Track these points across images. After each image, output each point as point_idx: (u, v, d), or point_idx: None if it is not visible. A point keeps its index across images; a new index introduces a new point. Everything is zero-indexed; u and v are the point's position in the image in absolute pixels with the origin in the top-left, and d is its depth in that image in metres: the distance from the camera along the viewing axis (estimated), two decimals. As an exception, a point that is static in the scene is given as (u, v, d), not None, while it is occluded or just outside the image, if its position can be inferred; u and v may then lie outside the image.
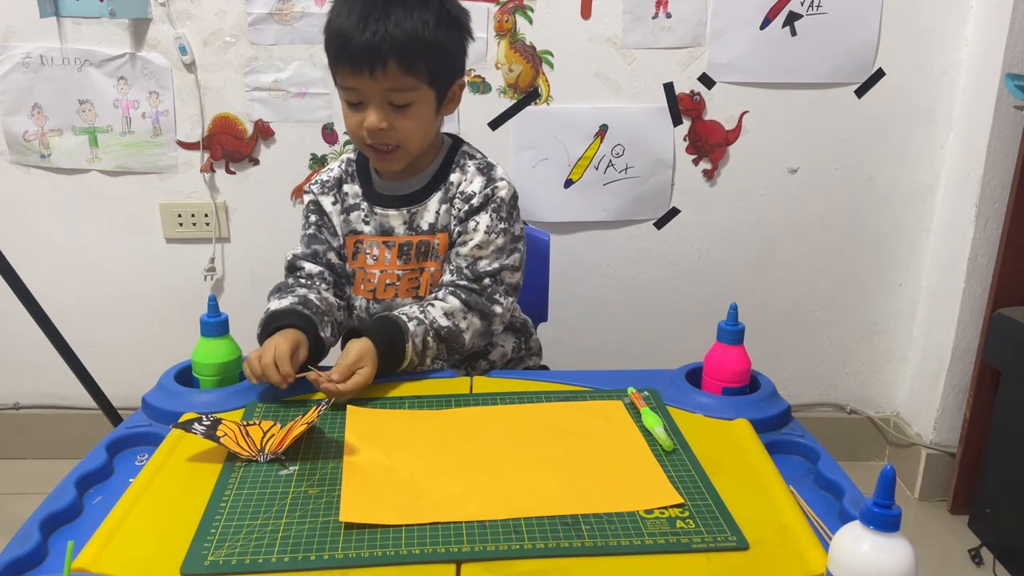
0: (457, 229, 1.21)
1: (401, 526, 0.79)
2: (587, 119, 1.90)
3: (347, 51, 1.09)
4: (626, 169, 1.93)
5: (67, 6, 1.76)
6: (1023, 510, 1.73)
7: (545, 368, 1.40)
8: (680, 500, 0.84)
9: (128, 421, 1.03)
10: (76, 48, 1.82)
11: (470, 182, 1.21)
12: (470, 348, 1.20)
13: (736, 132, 1.92)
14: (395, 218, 1.22)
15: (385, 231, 1.23)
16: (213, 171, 1.92)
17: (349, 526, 0.79)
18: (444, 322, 1.15)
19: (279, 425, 0.94)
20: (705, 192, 1.96)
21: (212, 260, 1.98)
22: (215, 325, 1.06)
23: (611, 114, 1.89)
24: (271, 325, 1.11)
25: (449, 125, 1.81)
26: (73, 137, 1.88)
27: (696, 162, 1.94)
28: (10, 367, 2.07)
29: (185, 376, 1.09)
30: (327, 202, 1.25)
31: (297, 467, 0.90)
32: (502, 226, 1.20)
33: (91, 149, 1.89)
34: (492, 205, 1.19)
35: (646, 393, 1.07)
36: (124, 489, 0.85)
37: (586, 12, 1.83)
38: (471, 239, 1.19)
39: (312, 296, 1.17)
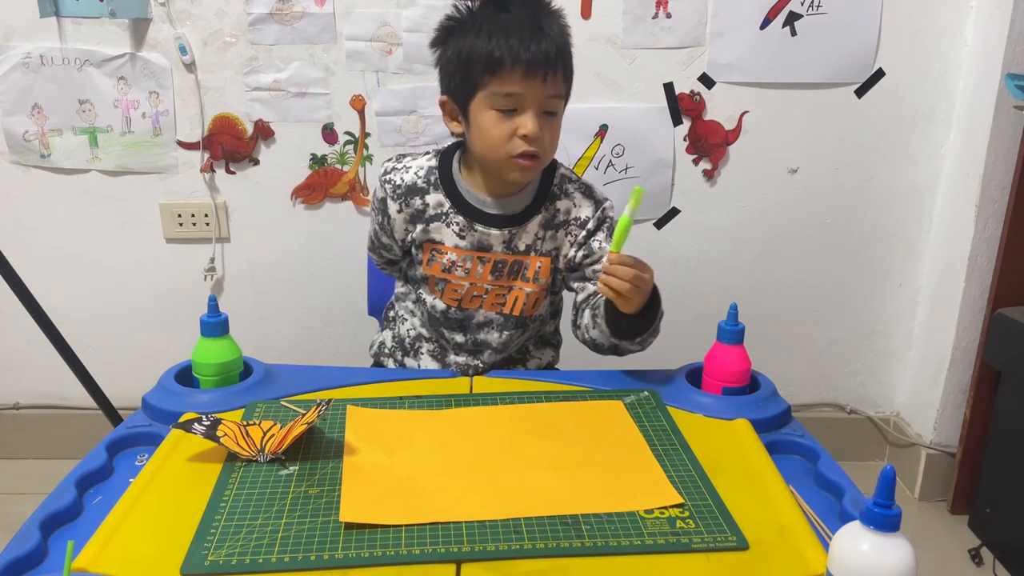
0: (580, 254, 1.25)
1: (401, 526, 0.79)
2: (587, 119, 1.89)
3: (521, 58, 1.09)
4: (626, 169, 1.93)
5: (67, 6, 1.76)
6: (1023, 510, 1.73)
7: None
8: (680, 500, 0.84)
9: (128, 421, 1.03)
10: (76, 48, 1.82)
11: (579, 207, 1.25)
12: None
13: (736, 132, 1.92)
14: (496, 237, 1.23)
15: (483, 247, 1.23)
16: (213, 171, 1.92)
17: (349, 526, 0.79)
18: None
19: (279, 425, 0.94)
20: (705, 192, 1.96)
21: (212, 260, 1.98)
22: (215, 325, 1.06)
23: (611, 114, 1.89)
24: None
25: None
26: (73, 137, 1.88)
27: (696, 162, 1.94)
28: (10, 367, 2.07)
29: (185, 376, 1.09)
30: (393, 208, 1.25)
31: (297, 467, 0.90)
32: None
33: (91, 149, 1.89)
34: (606, 224, 1.27)
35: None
36: (124, 489, 0.85)
37: (586, 12, 1.83)
38: (604, 256, 1.24)
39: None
